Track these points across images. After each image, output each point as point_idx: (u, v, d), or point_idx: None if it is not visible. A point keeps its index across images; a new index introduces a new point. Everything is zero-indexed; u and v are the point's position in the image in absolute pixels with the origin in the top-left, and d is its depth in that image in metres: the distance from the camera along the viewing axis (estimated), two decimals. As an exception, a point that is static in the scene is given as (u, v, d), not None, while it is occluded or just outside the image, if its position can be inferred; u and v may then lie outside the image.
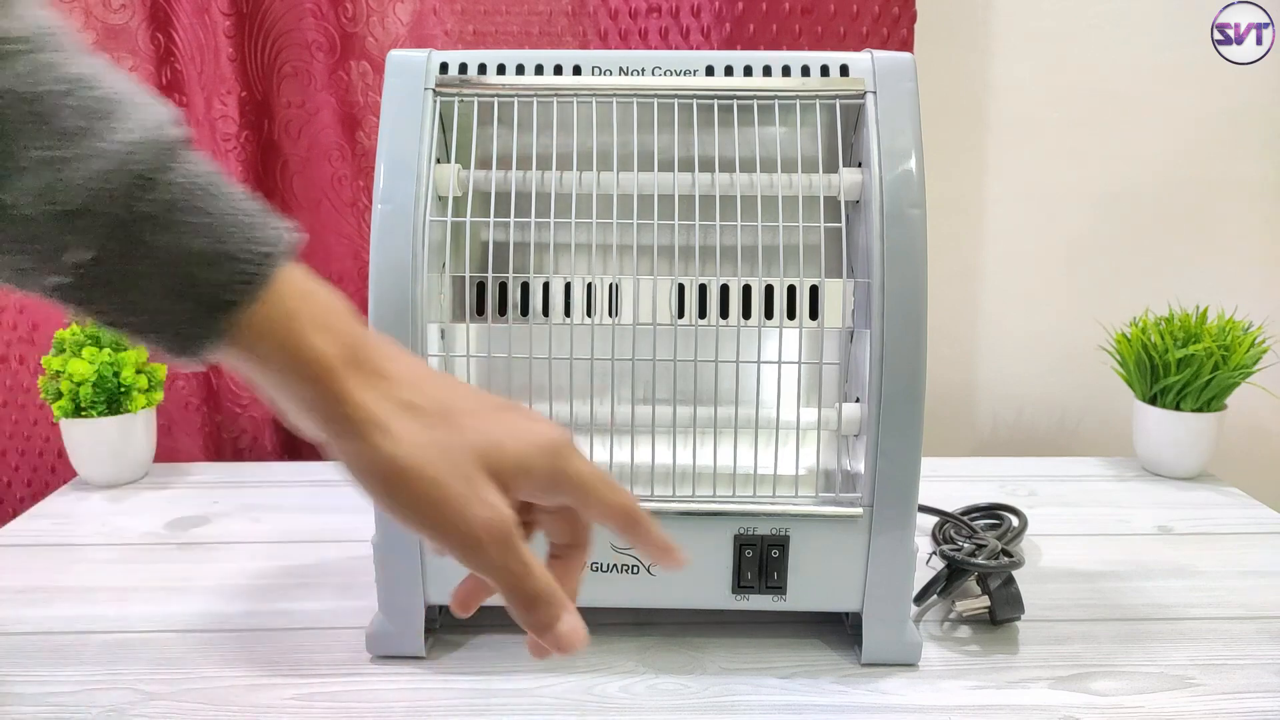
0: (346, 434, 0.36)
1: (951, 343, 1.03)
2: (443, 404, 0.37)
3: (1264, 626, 0.61)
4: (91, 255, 0.32)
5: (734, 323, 0.55)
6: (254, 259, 0.33)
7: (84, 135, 0.31)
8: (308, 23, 0.89)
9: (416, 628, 0.56)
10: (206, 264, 0.32)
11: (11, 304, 0.95)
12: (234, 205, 0.33)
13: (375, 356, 0.36)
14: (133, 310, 0.33)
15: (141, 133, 0.32)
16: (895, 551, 0.54)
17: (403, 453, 0.36)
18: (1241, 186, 0.98)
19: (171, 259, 0.32)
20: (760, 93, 0.55)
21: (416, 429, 0.36)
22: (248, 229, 0.33)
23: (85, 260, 0.32)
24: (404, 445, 0.36)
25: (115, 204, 0.31)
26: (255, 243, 0.33)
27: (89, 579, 0.69)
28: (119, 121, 0.32)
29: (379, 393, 0.36)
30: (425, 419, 0.36)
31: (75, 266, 0.32)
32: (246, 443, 0.99)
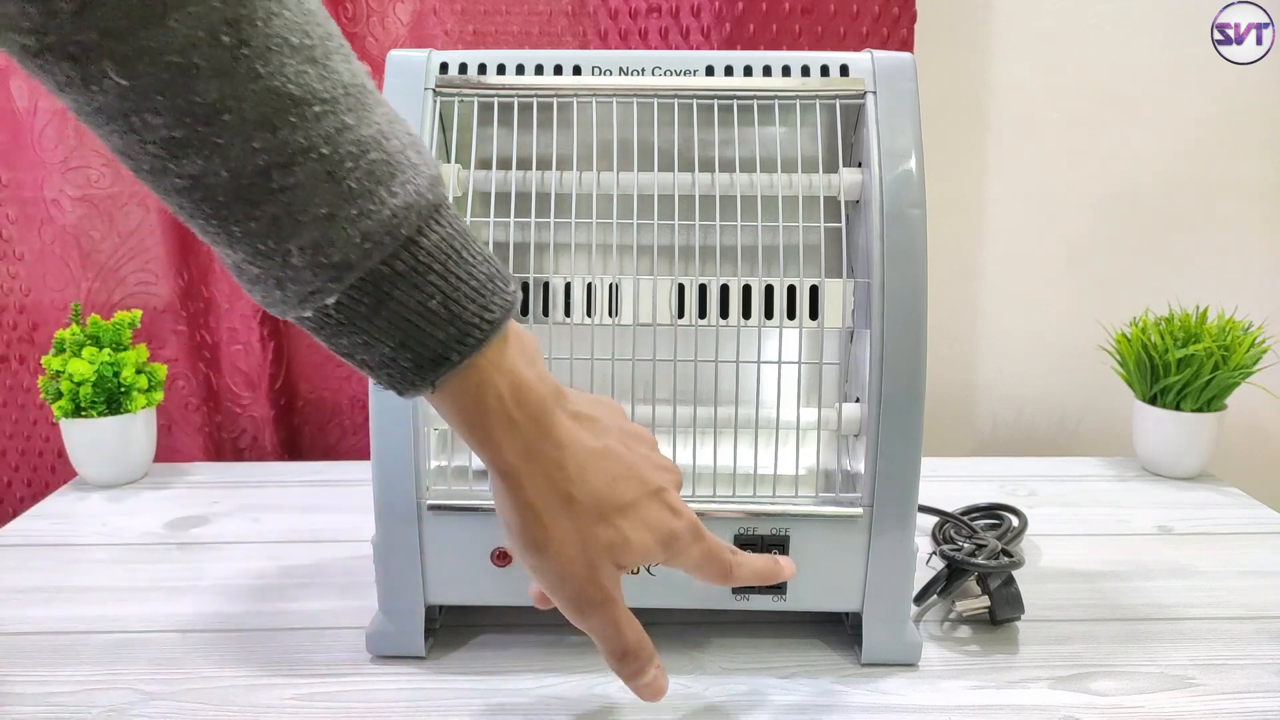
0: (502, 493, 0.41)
1: (951, 343, 1.03)
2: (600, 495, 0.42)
3: (1264, 626, 0.61)
4: (337, 300, 0.34)
5: (734, 323, 0.55)
6: (480, 325, 0.37)
7: (363, 197, 0.33)
8: (308, 23, 0.89)
9: (416, 628, 0.57)
10: (438, 323, 0.36)
11: (11, 304, 0.95)
12: (472, 270, 0.37)
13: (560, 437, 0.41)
14: (361, 350, 0.36)
15: (409, 197, 0.34)
16: (895, 551, 0.54)
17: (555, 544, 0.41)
18: (1241, 186, 0.98)
19: (408, 314, 0.35)
20: (760, 93, 0.55)
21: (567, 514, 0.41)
22: (480, 295, 0.37)
23: (331, 304, 0.35)
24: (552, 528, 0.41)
25: (374, 261, 0.34)
26: (484, 309, 0.37)
27: (89, 579, 0.69)
28: (398, 182, 0.34)
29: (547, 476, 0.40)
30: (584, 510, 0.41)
31: (321, 308, 0.35)
32: (246, 443, 0.99)
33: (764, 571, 0.49)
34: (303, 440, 1.01)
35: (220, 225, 0.33)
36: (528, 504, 0.40)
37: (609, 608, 0.43)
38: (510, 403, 0.39)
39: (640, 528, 0.43)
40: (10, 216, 0.93)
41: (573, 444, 0.41)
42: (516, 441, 0.39)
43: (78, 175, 0.91)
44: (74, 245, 0.93)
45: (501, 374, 0.38)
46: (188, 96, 0.30)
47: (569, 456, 0.41)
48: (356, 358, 0.37)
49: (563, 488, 0.41)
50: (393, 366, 0.37)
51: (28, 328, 0.96)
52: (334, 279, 0.34)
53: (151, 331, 0.96)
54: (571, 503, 0.41)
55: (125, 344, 0.85)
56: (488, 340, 0.37)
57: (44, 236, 0.93)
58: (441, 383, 0.37)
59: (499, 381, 0.38)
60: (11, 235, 0.94)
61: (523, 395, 0.39)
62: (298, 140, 0.32)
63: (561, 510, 0.41)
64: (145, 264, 0.95)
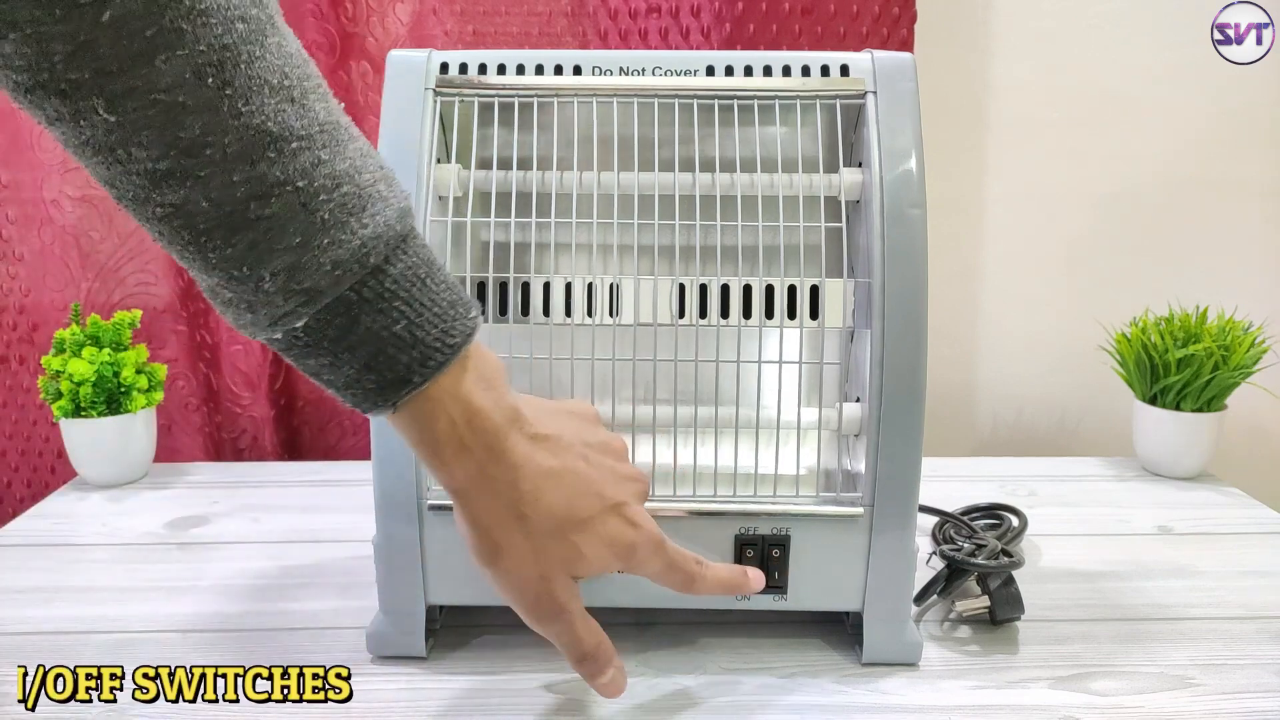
0: (461, 512, 0.43)
1: (951, 343, 1.03)
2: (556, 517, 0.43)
3: (1264, 626, 0.61)
4: (306, 324, 0.36)
5: (734, 323, 0.55)
6: (441, 349, 0.38)
7: (335, 227, 0.35)
8: (308, 23, 0.89)
9: (417, 628, 0.56)
10: (402, 347, 0.38)
11: (11, 304, 0.95)
12: (436, 297, 0.38)
13: (514, 460, 0.42)
14: (328, 371, 0.38)
15: (378, 228, 0.36)
16: (895, 551, 0.54)
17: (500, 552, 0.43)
18: (1242, 186, 0.98)
19: (374, 338, 0.37)
20: (760, 93, 0.55)
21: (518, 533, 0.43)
22: (442, 320, 0.38)
23: (299, 327, 0.36)
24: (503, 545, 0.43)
25: (343, 288, 0.36)
26: (446, 334, 0.39)
27: (89, 579, 0.69)
28: (369, 214, 0.36)
29: (498, 494, 0.42)
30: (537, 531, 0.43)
31: (291, 331, 0.36)
32: (246, 443, 0.99)
33: (729, 582, 0.51)
34: (303, 440, 1.01)
35: (198, 251, 0.35)
36: (478, 521, 0.42)
37: (565, 618, 0.45)
38: (463, 428, 0.40)
39: (596, 543, 0.44)
40: (10, 216, 0.93)
41: (527, 465, 0.42)
42: (468, 465, 0.41)
43: (77, 175, 0.91)
44: (74, 245, 0.93)
45: (457, 401, 0.40)
46: (173, 131, 0.32)
47: (522, 477, 0.42)
48: (323, 377, 0.38)
49: (516, 507, 0.42)
50: (357, 387, 0.38)
51: (28, 328, 0.96)
52: (304, 304, 0.36)
53: (151, 331, 0.96)
54: (524, 520, 0.42)
55: (125, 344, 0.85)
56: (448, 364, 0.39)
57: (44, 237, 0.93)
58: (402, 404, 0.39)
59: (453, 408, 0.40)
60: (11, 235, 0.94)
61: (476, 422, 0.41)
62: (275, 174, 0.34)
63: (514, 527, 0.42)
64: (145, 264, 0.95)
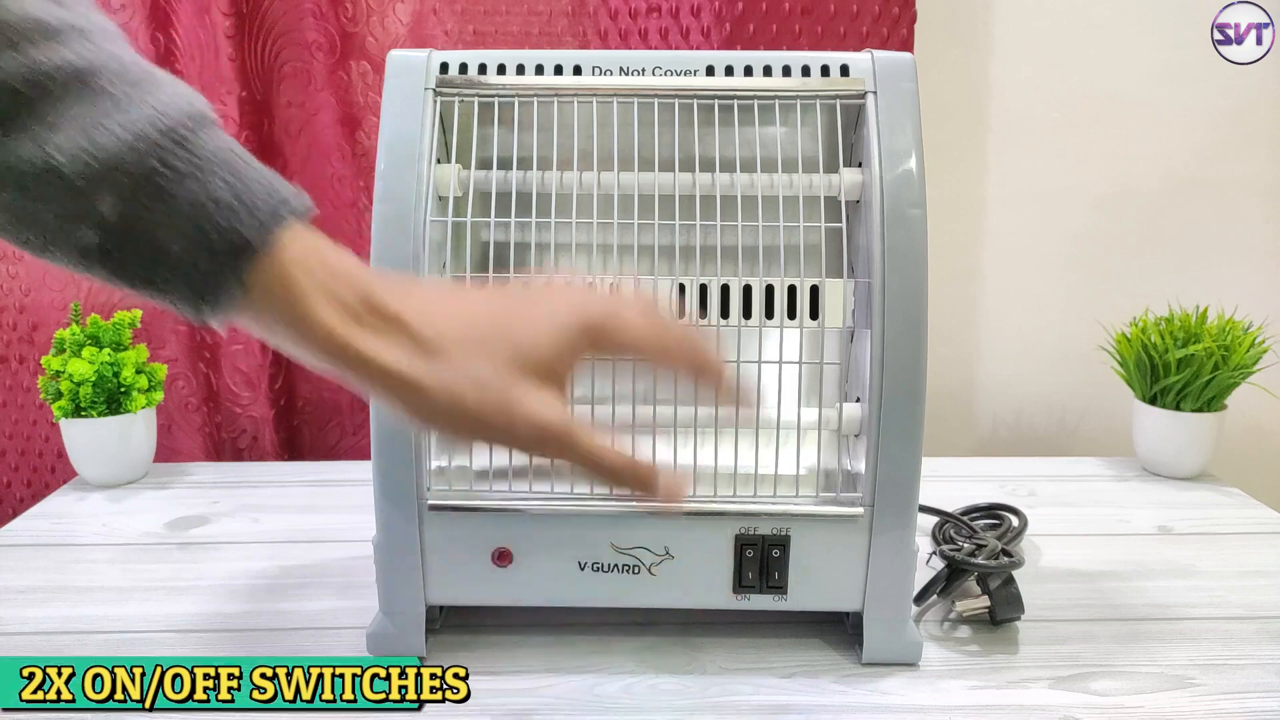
0: (373, 389, 0.38)
1: (951, 343, 1.03)
2: (465, 329, 0.39)
3: (1264, 626, 0.61)
4: (119, 209, 0.33)
5: (734, 322, 0.55)
6: (271, 208, 0.35)
7: (126, 100, 0.34)
8: (308, 23, 0.89)
9: (417, 628, 0.57)
10: (227, 211, 0.34)
11: (11, 304, 0.95)
12: (254, 168, 0.36)
13: (388, 303, 0.37)
14: (157, 261, 0.35)
15: (174, 100, 0.35)
16: (895, 551, 0.54)
17: (434, 396, 0.37)
18: (1241, 186, 0.98)
19: (195, 208, 0.34)
20: (760, 93, 0.55)
21: (443, 368, 0.38)
22: (266, 187, 0.36)
23: (113, 214, 0.34)
24: (434, 389, 0.37)
25: (146, 159, 0.33)
26: (273, 196, 0.35)
27: (89, 579, 0.69)
28: (155, 91, 0.34)
29: (396, 342, 0.37)
30: (451, 353, 0.38)
31: (103, 221, 0.34)
32: (246, 443, 0.99)
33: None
34: (303, 440, 1.01)
35: None
36: (387, 372, 0.37)
37: (562, 436, 0.39)
38: (325, 276, 0.36)
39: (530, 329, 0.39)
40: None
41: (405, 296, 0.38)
42: (344, 313, 0.36)
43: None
44: (74, 245, 0.93)
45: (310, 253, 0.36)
46: None
47: (407, 308, 0.37)
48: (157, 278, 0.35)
49: (416, 339, 0.37)
50: (193, 271, 0.34)
51: (28, 328, 0.96)
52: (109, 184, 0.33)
53: (151, 331, 0.96)
54: (435, 349, 0.37)
55: (125, 344, 0.85)
56: (284, 221, 0.35)
57: (44, 236, 0.93)
58: (250, 279, 0.35)
59: (310, 262, 0.36)
60: (11, 235, 0.94)
61: (339, 271, 0.37)
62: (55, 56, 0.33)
63: (428, 360, 0.37)
64: (145, 264, 0.94)
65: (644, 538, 0.55)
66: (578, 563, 0.56)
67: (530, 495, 0.55)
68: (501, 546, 0.55)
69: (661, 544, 0.55)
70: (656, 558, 0.55)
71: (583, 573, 0.56)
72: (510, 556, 0.55)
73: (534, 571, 0.56)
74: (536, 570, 0.56)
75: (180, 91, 0.35)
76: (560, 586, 0.56)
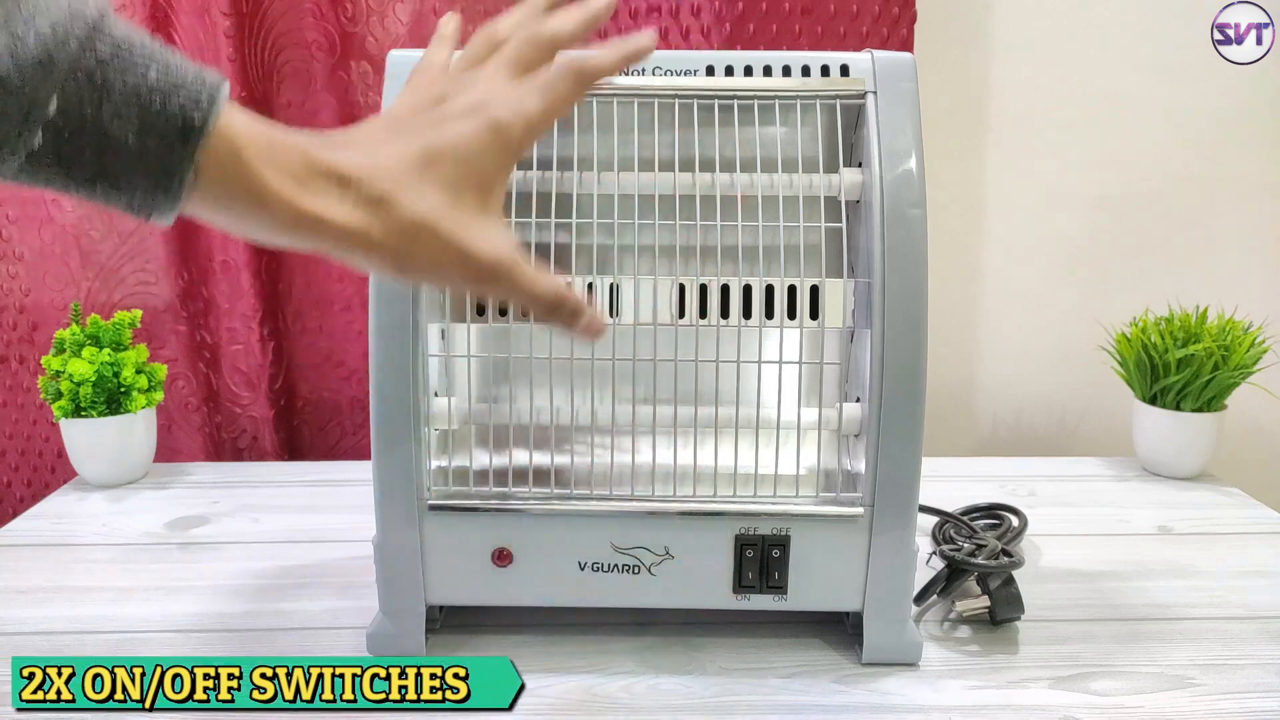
0: (330, 247, 0.39)
1: (951, 343, 1.03)
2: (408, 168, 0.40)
3: (1264, 626, 0.61)
4: (59, 106, 0.34)
5: (734, 323, 0.55)
6: (205, 86, 0.36)
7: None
8: (308, 23, 0.89)
9: (417, 628, 0.57)
10: (165, 94, 0.35)
11: (11, 304, 0.95)
12: (168, 50, 0.36)
13: (332, 161, 0.39)
14: (106, 156, 0.35)
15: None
16: (895, 551, 0.54)
17: (391, 243, 0.39)
18: (1241, 186, 0.98)
19: (134, 94, 0.35)
20: (760, 93, 0.55)
21: (396, 214, 0.39)
22: (188, 66, 0.36)
23: (54, 113, 0.34)
24: (390, 236, 0.39)
25: (74, 50, 0.34)
26: (201, 76, 0.36)
27: (89, 579, 0.69)
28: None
29: (346, 198, 0.39)
30: (400, 198, 0.39)
31: (49, 120, 0.34)
32: (246, 443, 0.99)
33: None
34: (303, 440, 1.01)
35: None
36: (343, 230, 0.38)
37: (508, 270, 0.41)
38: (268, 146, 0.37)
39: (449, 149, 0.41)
40: (10, 216, 0.93)
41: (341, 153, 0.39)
42: (293, 180, 0.37)
43: (78, 175, 0.91)
44: (74, 245, 0.93)
45: (250, 128, 0.37)
46: None
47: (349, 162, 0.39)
48: (109, 171, 0.35)
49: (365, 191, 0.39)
50: (145, 158, 0.35)
51: (28, 328, 0.96)
52: (43, 78, 0.33)
53: (151, 331, 0.96)
54: (382, 201, 0.39)
55: (125, 344, 0.85)
56: (219, 99, 0.36)
57: (44, 236, 0.93)
58: (200, 159, 0.36)
59: (253, 137, 0.37)
60: (11, 235, 0.94)
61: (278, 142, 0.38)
62: None
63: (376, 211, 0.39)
64: (145, 264, 0.95)
65: (644, 538, 0.55)
66: (578, 563, 0.56)
67: (530, 495, 0.55)
68: (501, 546, 0.55)
69: (661, 544, 0.55)
70: (656, 558, 0.55)
71: (583, 573, 0.56)
72: (510, 556, 0.55)
73: (534, 571, 0.56)
74: (536, 570, 0.56)
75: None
76: (560, 586, 0.56)
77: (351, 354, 0.97)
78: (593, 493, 0.55)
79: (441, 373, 0.57)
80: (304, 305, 0.97)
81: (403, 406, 0.53)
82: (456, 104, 0.43)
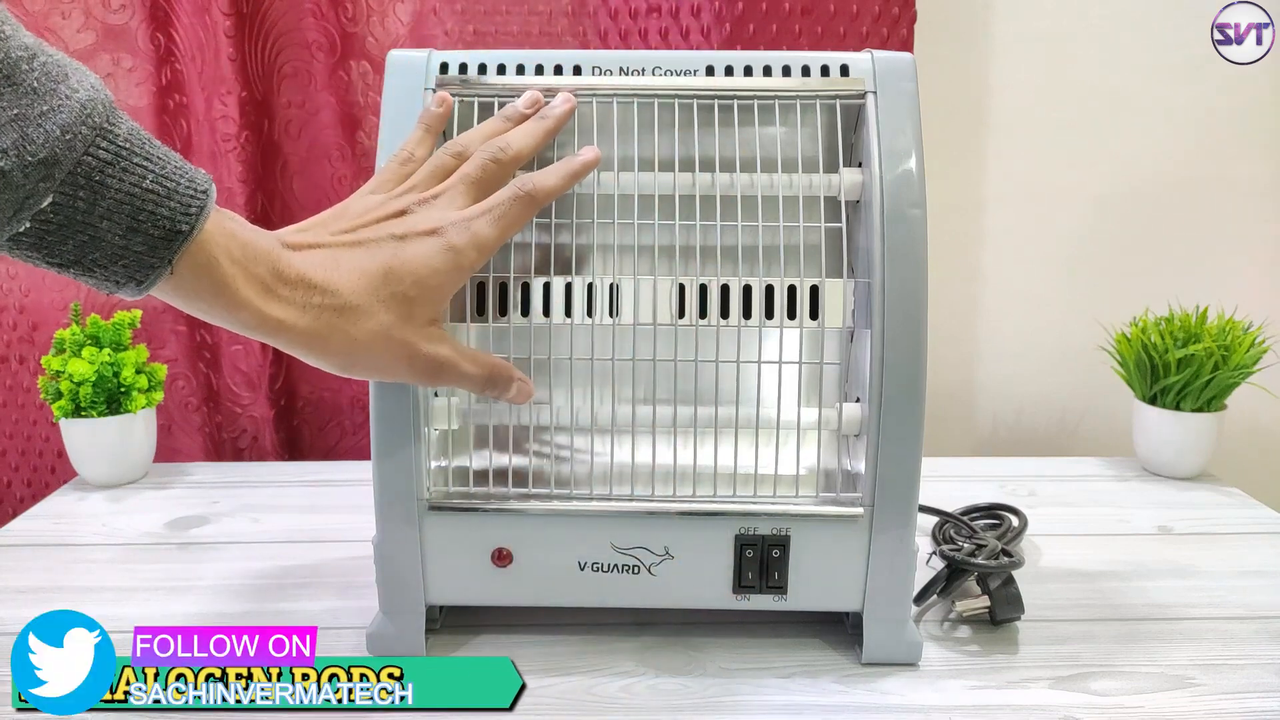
0: (290, 347, 0.43)
1: (951, 343, 1.03)
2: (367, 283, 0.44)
3: (1264, 626, 0.61)
4: (54, 201, 0.36)
5: (734, 323, 0.55)
6: (195, 194, 0.39)
7: (48, 94, 0.35)
8: (308, 23, 0.89)
9: (417, 628, 0.57)
10: (159, 200, 0.38)
11: (11, 304, 0.95)
12: (167, 153, 0.39)
13: (297, 271, 0.42)
14: (90, 249, 0.37)
15: (91, 91, 0.36)
16: (896, 551, 0.54)
17: (347, 348, 0.44)
18: (1241, 186, 0.98)
19: (128, 197, 0.37)
20: (760, 93, 0.55)
21: (352, 323, 0.44)
22: (184, 171, 0.39)
23: (51, 206, 0.36)
24: (346, 342, 0.44)
25: (79, 151, 0.36)
26: (193, 182, 0.39)
27: (89, 579, 0.69)
28: (73, 81, 0.36)
29: (309, 305, 0.43)
30: (358, 309, 0.44)
31: (42, 214, 0.36)
32: (246, 443, 0.99)
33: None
34: (303, 440, 1.01)
35: None
36: (308, 341, 0.43)
37: (449, 366, 0.48)
38: (244, 259, 0.41)
39: (416, 270, 0.45)
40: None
41: (311, 262, 0.43)
42: (260, 287, 0.41)
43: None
44: (74, 245, 0.93)
45: (226, 237, 0.40)
46: None
47: (312, 270, 0.43)
48: (87, 260, 0.37)
49: (324, 302, 0.43)
50: (126, 255, 0.38)
51: (28, 328, 0.96)
52: (44, 178, 0.35)
53: (151, 331, 0.96)
54: (341, 310, 0.43)
55: (125, 344, 0.85)
56: (207, 207, 0.39)
57: (44, 236, 0.93)
58: (178, 260, 0.39)
59: (229, 245, 0.40)
60: (11, 235, 0.94)
61: (251, 249, 0.41)
62: None
63: (339, 323, 0.43)
64: (145, 264, 0.94)
65: (644, 538, 0.55)
66: (578, 563, 0.56)
67: (530, 495, 0.55)
68: (501, 546, 0.55)
69: (661, 544, 0.55)
70: (656, 558, 0.55)
71: (583, 573, 0.56)
72: (510, 556, 0.55)
73: (534, 571, 0.56)
74: (536, 570, 0.56)
75: (90, 79, 0.37)
76: (560, 586, 0.56)
77: (351, 354, 0.97)
78: (593, 493, 0.55)
79: (441, 373, 0.57)
80: (304, 305, 0.97)
81: (403, 406, 0.53)
82: (418, 224, 0.47)
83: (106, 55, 0.90)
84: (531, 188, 0.49)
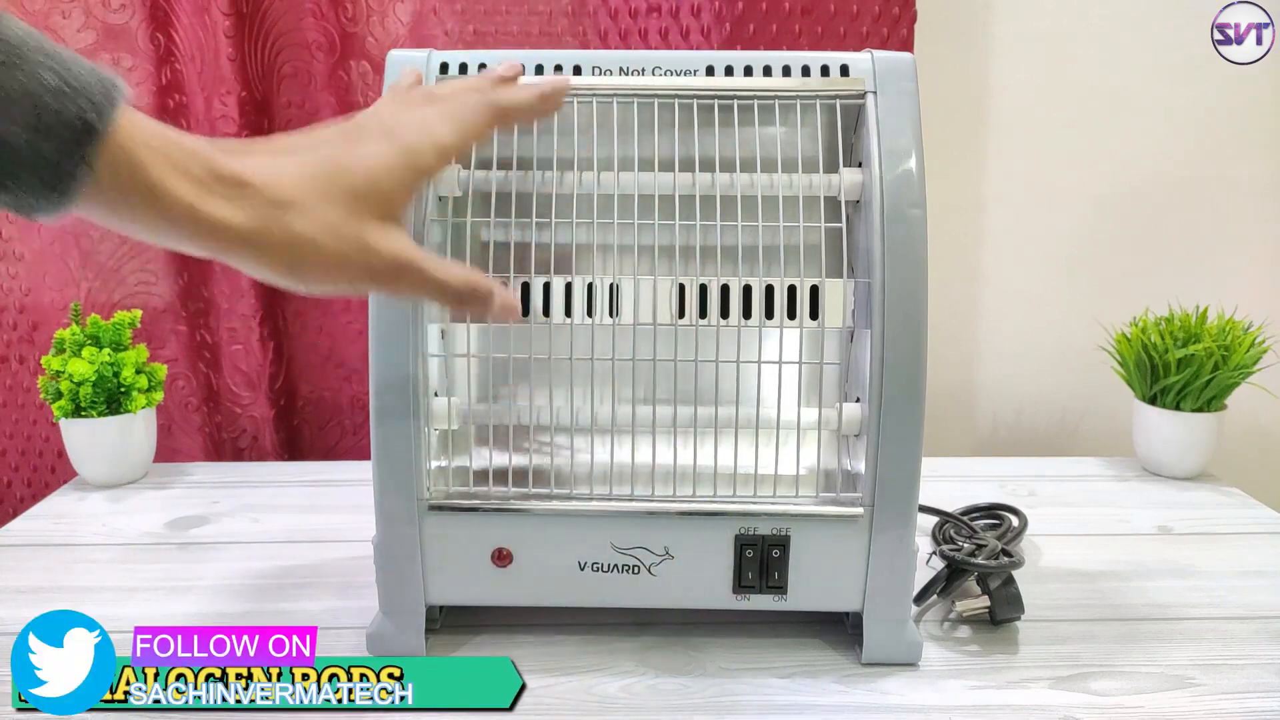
0: (232, 253, 0.39)
1: (951, 343, 1.03)
2: (310, 179, 0.40)
3: (1264, 626, 0.61)
4: None
5: (734, 323, 0.55)
6: (104, 88, 0.35)
7: None
8: (308, 23, 0.89)
9: (417, 628, 0.57)
10: (61, 96, 0.35)
11: (11, 304, 0.95)
12: (66, 51, 0.36)
13: (233, 168, 0.39)
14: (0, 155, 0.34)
15: None
16: (895, 551, 0.54)
17: (293, 249, 0.40)
18: (1241, 186, 0.98)
19: (28, 94, 0.34)
20: (760, 93, 0.55)
21: (297, 220, 0.39)
22: (89, 69, 0.36)
23: None
24: (292, 242, 0.39)
25: None
26: (100, 77, 0.36)
27: (89, 579, 0.69)
28: None
29: (248, 204, 0.39)
30: (301, 204, 0.40)
31: None
32: (246, 443, 0.99)
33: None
34: (303, 440, 1.01)
35: None
36: (244, 235, 0.39)
37: (412, 268, 0.42)
38: (169, 150, 0.37)
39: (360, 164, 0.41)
40: (10, 216, 0.93)
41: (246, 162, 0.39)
42: (194, 184, 0.37)
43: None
44: (74, 245, 0.93)
45: (152, 135, 0.37)
46: None
47: (251, 169, 0.39)
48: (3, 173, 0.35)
49: (267, 198, 0.39)
50: (38, 160, 0.35)
51: (28, 328, 0.96)
52: None
53: (151, 331, 0.96)
54: (283, 207, 0.39)
55: (125, 344, 0.85)
56: (118, 102, 0.36)
57: (44, 236, 0.93)
58: (97, 162, 0.35)
59: (158, 144, 0.37)
60: (11, 235, 0.94)
61: (184, 148, 0.38)
62: None
63: (278, 214, 0.39)
64: (145, 264, 0.95)
65: (644, 538, 0.55)
66: (578, 563, 0.56)
67: (530, 495, 0.55)
68: (501, 546, 0.55)
69: (661, 544, 0.55)
70: (656, 558, 0.55)
71: (583, 573, 0.56)
72: (510, 556, 0.55)
73: (534, 571, 0.56)
74: (536, 570, 0.56)
75: None
76: (560, 586, 0.56)
77: (351, 354, 0.98)
78: (593, 493, 0.55)
79: (441, 373, 0.57)
80: (304, 305, 0.97)
81: (403, 406, 0.53)
82: (369, 125, 0.44)
83: (106, 55, 0.90)
84: (495, 96, 0.46)
